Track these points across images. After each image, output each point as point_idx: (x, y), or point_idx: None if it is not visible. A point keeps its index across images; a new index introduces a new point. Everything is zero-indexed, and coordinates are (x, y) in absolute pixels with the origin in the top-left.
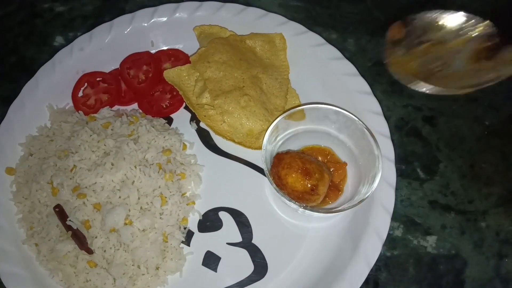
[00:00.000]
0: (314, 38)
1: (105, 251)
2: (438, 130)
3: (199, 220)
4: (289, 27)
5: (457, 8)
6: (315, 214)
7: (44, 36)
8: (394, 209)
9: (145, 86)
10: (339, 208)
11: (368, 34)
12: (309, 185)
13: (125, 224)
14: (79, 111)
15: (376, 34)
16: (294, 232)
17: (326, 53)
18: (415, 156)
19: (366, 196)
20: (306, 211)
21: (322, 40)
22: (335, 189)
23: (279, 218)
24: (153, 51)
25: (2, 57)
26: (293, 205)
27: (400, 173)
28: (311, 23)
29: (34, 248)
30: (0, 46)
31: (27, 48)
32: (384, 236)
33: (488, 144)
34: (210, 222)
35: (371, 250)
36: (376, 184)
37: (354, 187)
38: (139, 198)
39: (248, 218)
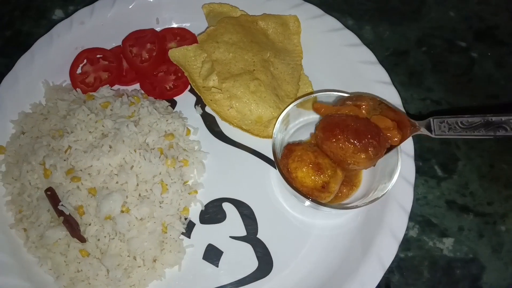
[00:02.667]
0: (331, 22)
1: (99, 239)
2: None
3: (201, 211)
4: (305, 10)
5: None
6: (327, 209)
7: (42, 10)
8: None
9: (148, 66)
10: (353, 205)
11: (385, 23)
12: (320, 182)
13: (122, 211)
14: (77, 89)
15: (394, 24)
16: (302, 228)
17: (343, 38)
18: (433, 152)
19: (383, 193)
20: (318, 206)
21: (339, 25)
22: (349, 184)
23: (286, 213)
24: (158, 29)
25: None
26: (303, 199)
27: (416, 170)
28: (326, 8)
29: (22, 234)
30: None
31: (23, 22)
32: (400, 236)
33: (509, 144)
34: (212, 213)
35: (386, 251)
36: (395, 181)
37: (369, 182)
38: (137, 185)
39: (254, 211)
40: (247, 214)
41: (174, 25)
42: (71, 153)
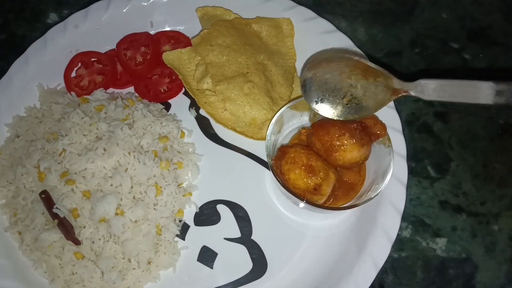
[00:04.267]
0: (324, 24)
1: (93, 242)
2: (450, 127)
3: (196, 213)
4: (298, 12)
5: None
6: (319, 210)
7: (36, 13)
8: None
9: (143, 69)
10: (346, 205)
11: (379, 24)
12: (312, 184)
13: (116, 214)
14: (71, 92)
15: (387, 25)
16: (296, 229)
17: (336, 41)
18: (426, 153)
19: (376, 193)
20: (312, 207)
21: (332, 27)
22: (351, 189)
23: (281, 214)
24: (152, 32)
25: None
26: (297, 200)
27: (409, 171)
28: (320, 10)
29: (17, 237)
30: None
31: (18, 25)
32: (393, 236)
33: (502, 144)
34: (207, 215)
35: (379, 250)
36: (387, 181)
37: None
38: (132, 187)
39: (248, 213)
40: (241, 216)
41: (168, 28)
42: (66, 156)
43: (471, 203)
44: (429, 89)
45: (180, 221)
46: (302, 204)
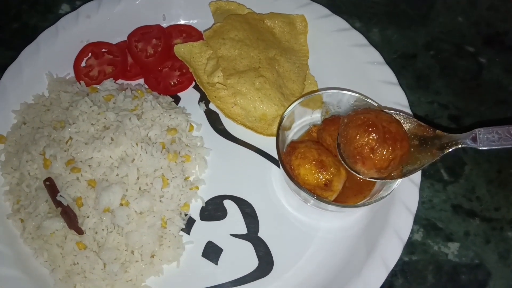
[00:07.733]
0: (338, 22)
1: (96, 232)
2: (464, 131)
3: (202, 207)
4: (312, 9)
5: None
6: (331, 208)
7: (49, 4)
8: None
9: (153, 61)
10: (358, 203)
11: (393, 26)
12: (322, 180)
13: (121, 204)
14: (80, 82)
15: (402, 27)
16: (305, 229)
17: (350, 39)
18: None
19: (388, 192)
20: (322, 205)
21: (347, 25)
22: (362, 189)
23: (288, 213)
24: (164, 26)
25: (3, 24)
26: (307, 198)
27: (422, 173)
28: (334, 10)
29: (19, 224)
30: (1, 12)
31: (30, 16)
32: (405, 237)
33: None
34: (213, 210)
35: (390, 252)
36: (400, 180)
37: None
38: (138, 178)
39: (255, 209)
40: (248, 212)
41: (181, 22)
42: (72, 144)
43: (484, 208)
44: (484, 138)
45: (185, 215)
46: (312, 201)
